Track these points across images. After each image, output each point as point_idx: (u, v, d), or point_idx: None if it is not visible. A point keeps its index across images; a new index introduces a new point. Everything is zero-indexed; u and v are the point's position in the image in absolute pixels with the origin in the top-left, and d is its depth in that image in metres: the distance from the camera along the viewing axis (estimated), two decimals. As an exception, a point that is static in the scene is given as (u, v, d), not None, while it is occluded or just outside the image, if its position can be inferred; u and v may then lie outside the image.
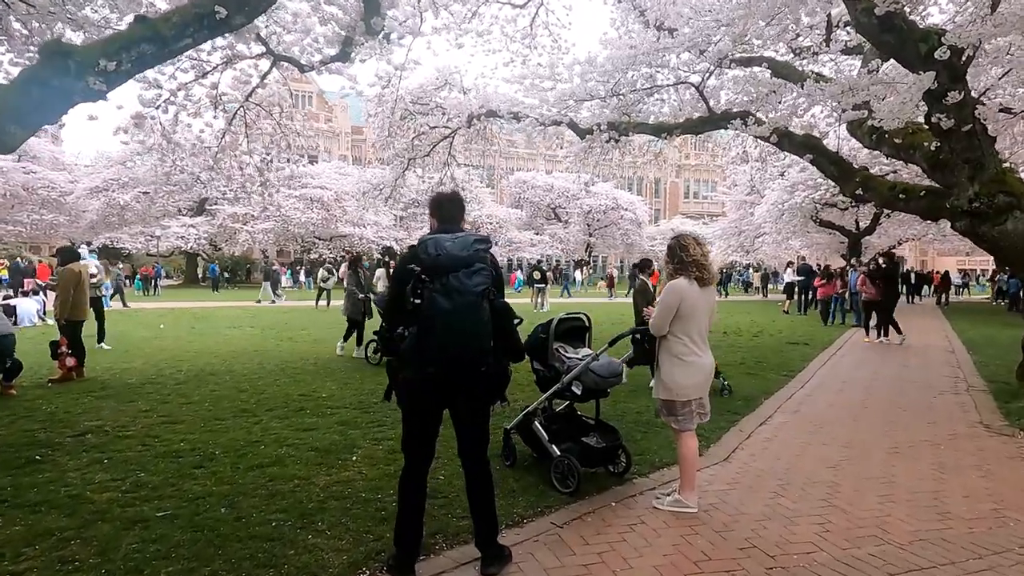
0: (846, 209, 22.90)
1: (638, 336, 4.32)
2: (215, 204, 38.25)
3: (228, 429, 5.85)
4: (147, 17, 4.68)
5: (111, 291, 21.17)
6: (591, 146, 11.30)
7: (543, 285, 22.25)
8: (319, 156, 51.28)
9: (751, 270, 42.29)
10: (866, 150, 11.73)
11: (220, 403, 6.91)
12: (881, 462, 5.22)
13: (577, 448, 4.48)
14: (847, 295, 17.69)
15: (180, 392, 7.47)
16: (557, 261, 50.16)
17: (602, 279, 34.17)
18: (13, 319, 13.70)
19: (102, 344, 11.07)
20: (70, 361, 8.24)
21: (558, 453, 4.41)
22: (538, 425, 4.63)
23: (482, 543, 3.25)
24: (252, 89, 9.70)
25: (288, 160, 10.59)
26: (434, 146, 12.89)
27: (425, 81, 12.80)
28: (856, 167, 9.84)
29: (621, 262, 54.27)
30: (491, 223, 44.18)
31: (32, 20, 4.97)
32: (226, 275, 39.28)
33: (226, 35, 8.43)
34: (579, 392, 4.47)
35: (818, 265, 24.61)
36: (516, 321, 3.24)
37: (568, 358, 4.54)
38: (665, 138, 10.62)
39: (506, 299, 3.19)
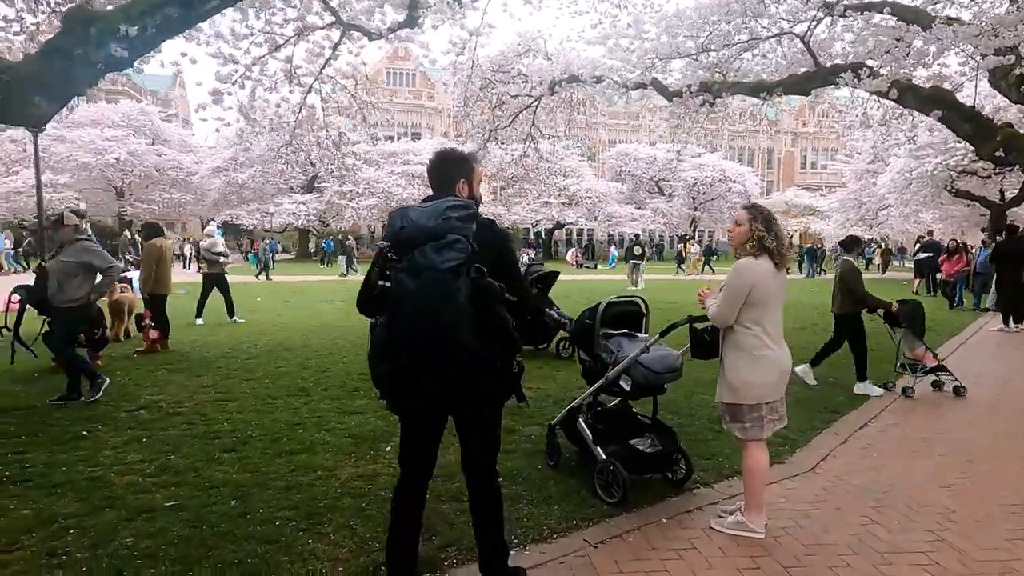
0: (988, 177, 20.17)
1: (697, 326, 3.63)
2: (323, 182, 39.71)
3: (276, 409, 5.70)
4: (172, -22, 4.48)
5: (259, 266, 23.21)
6: (682, 110, 10.32)
7: (639, 261, 21.26)
8: (422, 133, 52.24)
9: (874, 245, 38.69)
10: (1015, 107, 10.00)
11: (280, 380, 6.84)
12: (1014, 485, 4.24)
13: (624, 452, 3.89)
14: (972, 275, 15.60)
15: (247, 368, 7.49)
16: (609, 236, 47.73)
17: (696, 256, 32.13)
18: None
19: (235, 318, 11.46)
20: (154, 334, 8.51)
21: (603, 457, 3.84)
22: (583, 423, 4.07)
23: (485, 568, 2.76)
24: (325, 61, 9.54)
25: (363, 134, 10.37)
26: (515, 116, 12.33)
27: (506, 48, 12.22)
28: (997, 124, 8.32)
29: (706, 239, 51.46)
30: (590, 197, 43.11)
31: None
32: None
33: (295, 5, 8.28)
34: (628, 388, 3.86)
35: (953, 240, 21.94)
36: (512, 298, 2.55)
37: (616, 348, 3.93)
38: (765, 98, 9.49)
39: (530, 276, 2.62)
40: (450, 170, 2.70)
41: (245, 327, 10.90)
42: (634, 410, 4.36)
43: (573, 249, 42.81)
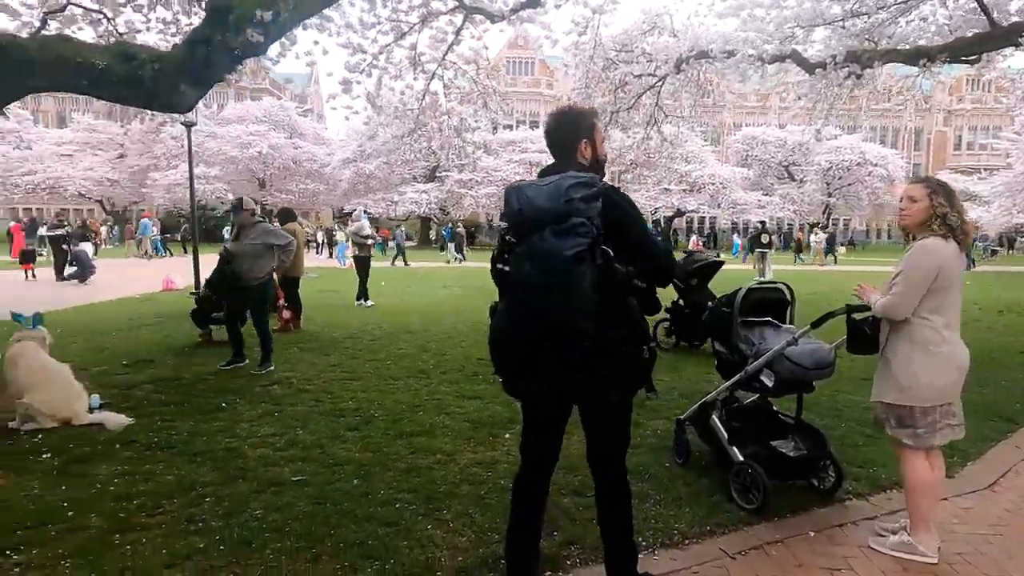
0: None
1: (856, 316, 3.18)
2: (444, 171, 40.75)
3: (397, 390, 5.77)
4: (303, -37, 4.57)
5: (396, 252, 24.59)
6: (823, 85, 9.45)
7: (767, 250, 20.00)
8: (540, 121, 52.26)
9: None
10: None
11: (401, 362, 6.94)
12: None
13: (765, 454, 3.52)
14: None
15: (371, 349, 7.68)
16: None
17: (821, 245, 29.69)
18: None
19: (362, 301, 11.79)
20: (286, 314, 8.96)
21: (740, 459, 3.49)
22: (716, 420, 3.73)
23: (612, 570, 2.54)
24: (448, 47, 9.58)
25: (484, 120, 10.36)
26: (638, 97, 11.85)
27: (630, 26, 11.75)
28: None
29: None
30: (713, 184, 41.28)
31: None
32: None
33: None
34: (771, 384, 3.48)
35: None
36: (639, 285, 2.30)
37: (758, 339, 3.56)
38: (924, 66, 8.45)
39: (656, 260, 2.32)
40: (570, 130, 2.43)
41: (369, 310, 11.28)
42: (774, 408, 3.95)
43: (694, 237, 41.20)
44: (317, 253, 31.98)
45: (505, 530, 2.59)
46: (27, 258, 16.72)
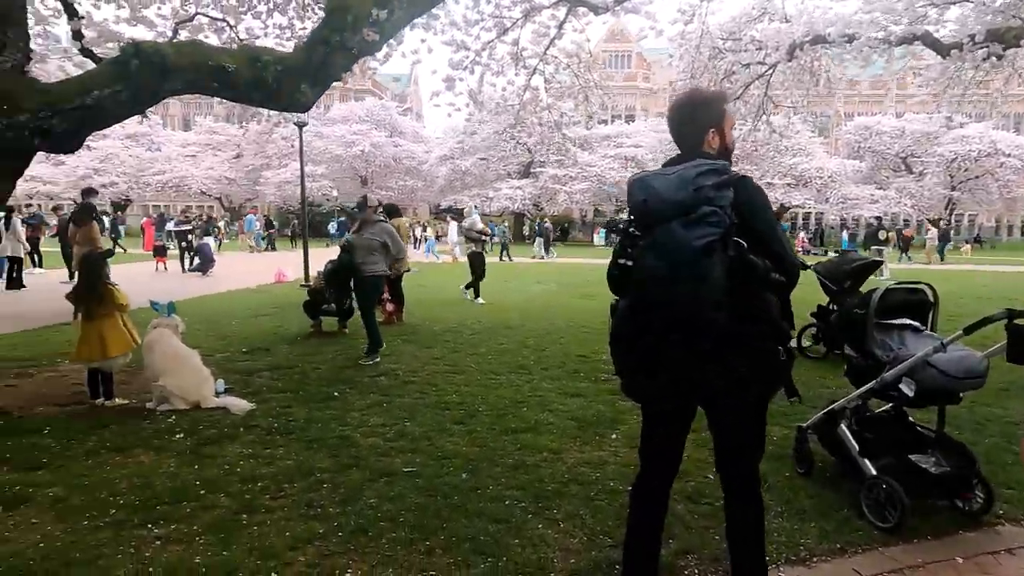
0: None
1: (1019, 321, 2.85)
2: (539, 167, 40.85)
3: (500, 385, 5.78)
4: (417, -39, 4.64)
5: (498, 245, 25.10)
6: (956, 68, 8.66)
7: (884, 247, 18.68)
8: (636, 115, 51.36)
9: None
10: None
11: (502, 357, 6.96)
12: None
13: (902, 468, 3.23)
14: None
15: (471, 343, 7.76)
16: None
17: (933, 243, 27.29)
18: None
19: (469, 295, 11.88)
20: (390, 307, 9.22)
21: (873, 473, 3.22)
22: (845, 429, 3.46)
23: None
24: (550, 41, 9.51)
25: (583, 115, 10.23)
26: (747, 87, 11.33)
27: (738, 13, 11.25)
28: None
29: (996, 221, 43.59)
30: (821, 177, 39.04)
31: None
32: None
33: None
34: (910, 393, 3.18)
35: None
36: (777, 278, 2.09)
37: (897, 344, 3.27)
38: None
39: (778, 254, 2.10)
40: (697, 118, 2.26)
41: (468, 305, 11.41)
42: (911, 419, 3.63)
43: (800, 234, 39.18)
44: (414, 248, 32.89)
45: (623, 535, 2.49)
46: (159, 252, 18.22)
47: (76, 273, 10.35)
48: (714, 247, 1.95)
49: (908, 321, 3.42)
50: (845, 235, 34.55)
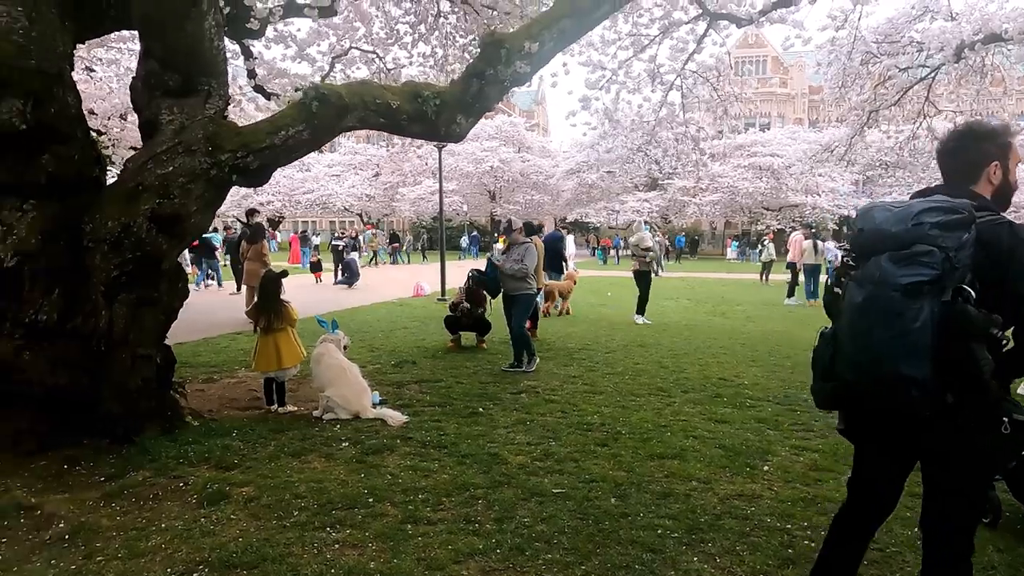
0: None
1: None
2: (667, 179, 40.03)
3: (640, 407, 5.74)
4: (568, -7, 4.76)
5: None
6: None
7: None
8: (771, 122, 49.02)
9: None
10: None
11: (639, 377, 6.91)
12: None
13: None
14: None
15: (607, 362, 7.76)
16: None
17: None
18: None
19: (638, 318, 11.26)
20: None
21: (1079, 530, 2.89)
22: (1043, 479, 3.13)
23: None
24: (689, 56, 9.37)
25: (722, 128, 9.93)
26: (904, 92, 10.51)
27: (895, 14, 10.47)
28: None
29: None
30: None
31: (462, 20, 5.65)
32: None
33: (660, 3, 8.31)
34: None
35: None
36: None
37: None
38: None
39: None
40: (974, 151, 2.09)
41: (601, 321, 11.42)
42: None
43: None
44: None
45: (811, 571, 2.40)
46: (315, 268, 19.91)
47: (244, 287, 11.57)
48: (922, 289, 1.82)
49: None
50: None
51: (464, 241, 41.53)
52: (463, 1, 6.41)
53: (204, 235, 20.19)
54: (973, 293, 1.84)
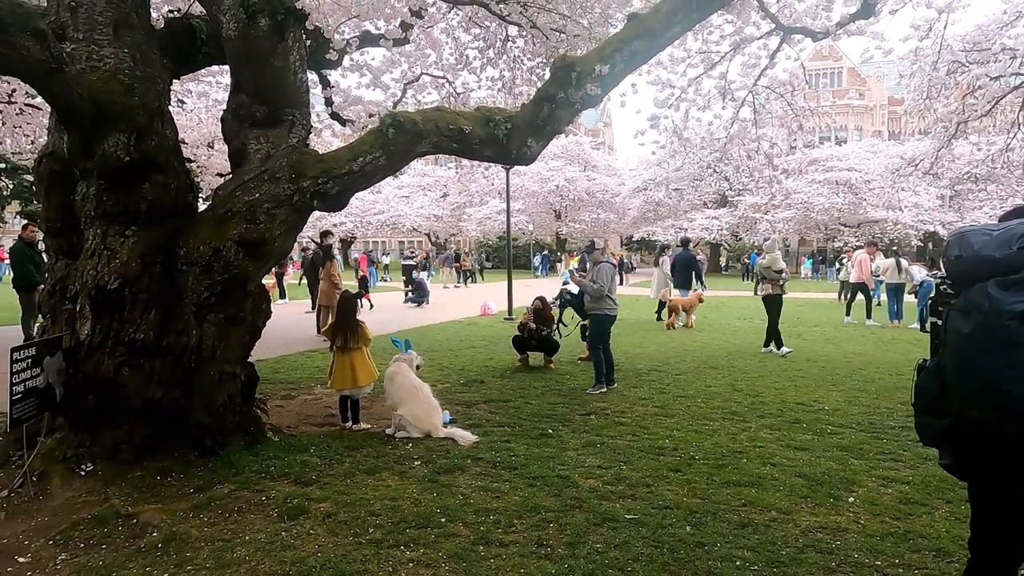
0: None
1: None
2: (737, 196, 39.11)
3: (714, 432, 5.59)
4: (638, 14, 4.76)
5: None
6: None
7: None
8: (848, 135, 47.29)
9: None
10: None
11: (712, 401, 6.73)
12: None
13: None
14: None
15: (678, 384, 7.60)
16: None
17: None
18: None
19: (772, 348, 10.10)
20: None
21: None
22: None
23: None
24: (761, 71, 9.17)
25: (796, 143, 9.65)
26: (996, 102, 9.94)
27: (984, 21, 9.96)
28: None
29: None
30: (1095, 196, 32.69)
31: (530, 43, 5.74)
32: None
33: (728, 15, 8.19)
34: None
35: None
36: None
37: None
38: None
39: None
40: None
41: (670, 343, 11.19)
42: None
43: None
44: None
45: None
46: (362, 287, 17.65)
47: (318, 306, 11.99)
48: None
49: None
50: None
51: (536, 260, 41.73)
52: (532, 26, 6.50)
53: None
54: None
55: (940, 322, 2.02)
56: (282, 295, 19.06)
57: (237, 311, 4.59)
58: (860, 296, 14.73)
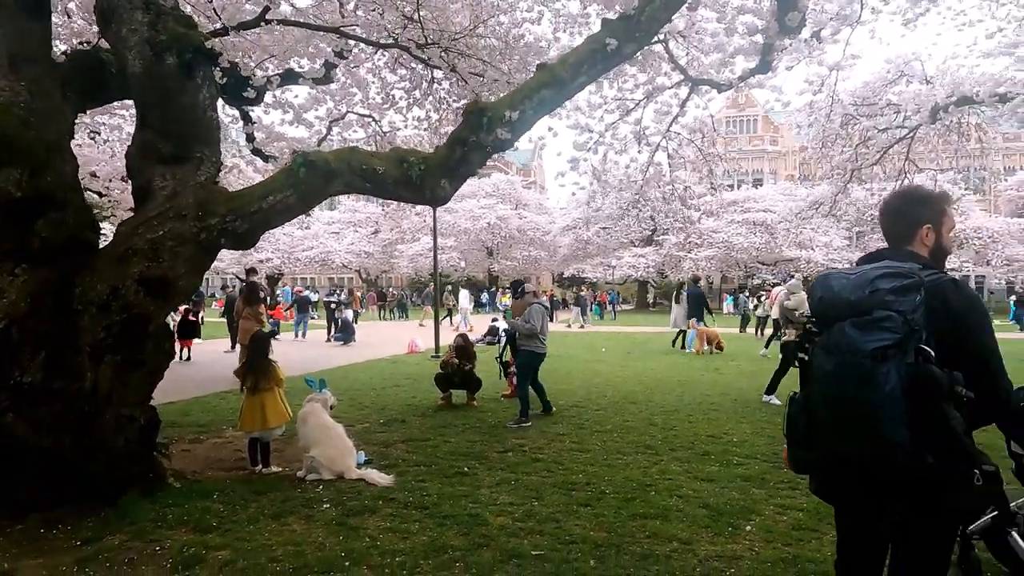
0: None
1: None
2: (662, 235, 40.58)
3: (627, 466, 5.71)
4: (546, 64, 5.00)
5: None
6: None
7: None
8: (764, 178, 50.03)
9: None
10: None
11: (628, 435, 6.88)
12: None
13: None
14: None
15: (596, 419, 7.74)
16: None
17: None
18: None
19: (771, 398, 8.88)
20: (515, 380, 9.41)
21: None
22: (1017, 538, 3.12)
23: None
24: (673, 118, 9.69)
25: (712, 186, 10.20)
26: (884, 152, 10.83)
27: (871, 78, 10.88)
28: None
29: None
30: (979, 238, 35.69)
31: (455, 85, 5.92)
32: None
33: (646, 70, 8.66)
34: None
35: None
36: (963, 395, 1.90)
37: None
38: None
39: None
40: (910, 213, 2.21)
41: (595, 378, 11.37)
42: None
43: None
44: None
45: None
46: (185, 331, 13.42)
47: (238, 345, 11.60)
48: (887, 353, 1.89)
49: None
50: (1012, 300, 31.03)
51: (484, 296, 41.90)
52: (452, 69, 6.71)
53: (303, 293, 21.12)
54: (932, 352, 1.90)
55: (807, 358, 2.19)
56: (197, 334, 18.29)
57: (137, 352, 4.42)
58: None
